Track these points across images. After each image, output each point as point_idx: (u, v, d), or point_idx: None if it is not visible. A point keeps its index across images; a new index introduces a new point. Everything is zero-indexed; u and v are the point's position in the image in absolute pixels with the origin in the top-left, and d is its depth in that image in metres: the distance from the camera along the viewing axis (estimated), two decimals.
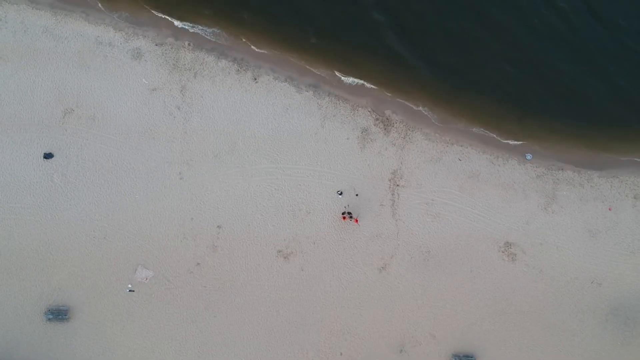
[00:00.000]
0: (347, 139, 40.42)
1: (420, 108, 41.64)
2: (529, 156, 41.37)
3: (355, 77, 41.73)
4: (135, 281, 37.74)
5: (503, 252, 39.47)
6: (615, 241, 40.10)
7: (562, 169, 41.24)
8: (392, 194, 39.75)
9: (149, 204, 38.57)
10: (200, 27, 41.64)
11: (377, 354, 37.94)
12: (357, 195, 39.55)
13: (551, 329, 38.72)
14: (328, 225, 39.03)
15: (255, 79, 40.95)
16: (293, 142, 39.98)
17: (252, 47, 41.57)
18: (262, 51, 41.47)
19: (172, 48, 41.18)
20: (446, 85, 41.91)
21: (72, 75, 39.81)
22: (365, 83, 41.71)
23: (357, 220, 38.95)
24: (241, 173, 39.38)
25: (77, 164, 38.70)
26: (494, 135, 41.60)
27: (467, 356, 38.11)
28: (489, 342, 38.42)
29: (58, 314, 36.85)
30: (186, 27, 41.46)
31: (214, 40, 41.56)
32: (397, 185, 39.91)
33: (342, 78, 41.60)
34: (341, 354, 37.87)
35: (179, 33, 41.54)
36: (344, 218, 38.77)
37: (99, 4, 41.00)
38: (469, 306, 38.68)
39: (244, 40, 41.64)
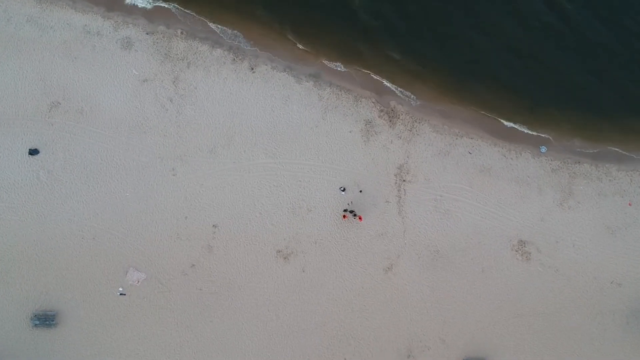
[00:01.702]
0: (350, 131, 38.93)
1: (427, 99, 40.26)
2: (543, 149, 39.82)
3: (359, 67, 40.31)
4: (126, 284, 36.45)
5: (516, 250, 37.96)
6: (636, 238, 38.47)
7: (579, 162, 39.70)
8: (398, 190, 38.27)
9: (140, 203, 37.22)
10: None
11: None
12: (360, 191, 38.18)
13: (568, 333, 37.28)
14: (330, 223, 37.61)
15: (252, 69, 39.45)
16: (293, 135, 38.55)
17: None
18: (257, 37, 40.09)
19: (163, 37, 39.65)
20: (454, 74, 40.50)
21: (58, 66, 38.44)
22: (369, 73, 40.36)
23: (361, 218, 37.59)
24: (238, 169, 37.99)
25: (64, 160, 37.33)
26: (506, 126, 40.14)
27: None
28: (502, 347, 37.07)
29: (45, 320, 35.43)
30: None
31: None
32: (404, 180, 38.44)
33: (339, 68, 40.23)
34: None
35: (170, 21, 40.03)
36: (345, 217, 37.36)
37: None
38: (480, 308, 37.31)
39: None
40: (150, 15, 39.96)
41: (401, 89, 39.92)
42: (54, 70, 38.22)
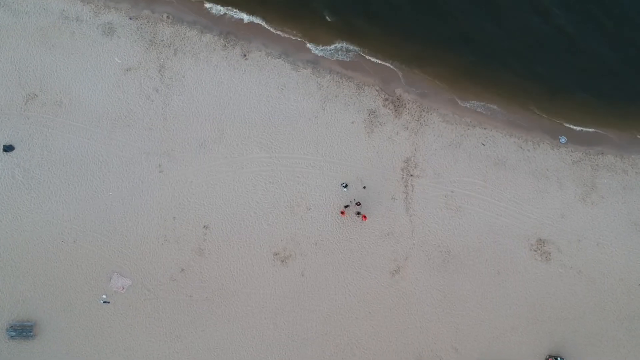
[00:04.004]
0: (352, 122, 37.04)
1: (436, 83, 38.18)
2: (563, 139, 37.85)
3: (363, 52, 38.28)
4: (110, 291, 34.92)
5: (535, 250, 36.13)
6: None
7: (602, 153, 37.76)
8: (406, 186, 36.42)
9: (124, 202, 35.61)
10: None
11: None
12: (364, 187, 36.32)
13: (593, 339, 35.40)
14: (331, 223, 35.88)
15: (245, 56, 37.63)
16: (290, 127, 36.79)
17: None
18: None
19: (148, 22, 37.88)
20: (466, 59, 38.30)
21: (34, 55, 36.81)
22: (373, 58, 38.31)
23: (365, 217, 35.85)
24: (230, 164, 36.21)
25: (42, 157, 35.79)
26: (523, 115, 38.07)
27: None
28: (520, 356, 35.26)
29: (22, 331, 34.06)
30: None
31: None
32: (411, 175, 36.56)
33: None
34: None
35: (156, 4, 38.14)
36: (343, 213, 35.72)
37: None
38: (496, 314, 35.60)
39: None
40: None
41: (409, 76, 38.02)
42: (29, 59, 36.67)
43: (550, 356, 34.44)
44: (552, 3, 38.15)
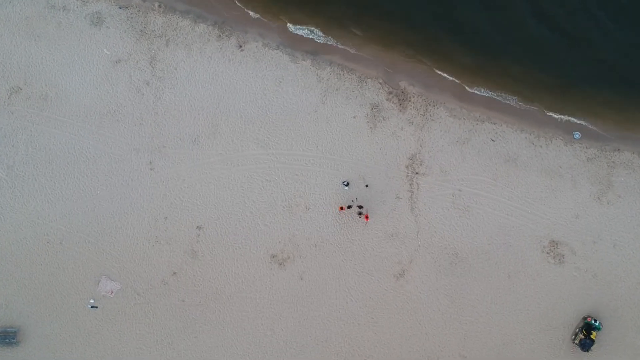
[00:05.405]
0: (354, 117, 36.08)
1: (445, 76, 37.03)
2: (577, 135, 36.71)
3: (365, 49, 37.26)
4: (98, 295, 34.35)
5: (548, 252, 35.12)
6: None
7: (619, 150, 36.54)
8: (410, 184, 35.47)
9: (113, 201, 34.88)
10: None
11: None
12: (367, 186, 35.46)
13: (609, 347, 34.44)
14: (332, 223, 35.02)
15: (241, 47, 36.52)
16: (288, 122, 35.92)
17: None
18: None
19: (138, 11, 36.75)
20: (473, 49, 37.19)
21: (18, 46, 35.86)
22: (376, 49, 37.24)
23: (367, 217, 34.84)
24: (225, 161, 35.38)
25: (27, 154, 35.04)
26: (535, 109, 36.93)
27: None
28: None
29: (5, 337, 33.55)
30: None
31: None
32: (416, 173, 35.59)
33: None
34: None
35: None
36: (342, 209, 34.84)
37: None
38: (506, 320, 34.74)
39: None
40: None
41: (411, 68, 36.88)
42: (13, 50, 35.75)
43: (589, 316, 33.60)
44: None
